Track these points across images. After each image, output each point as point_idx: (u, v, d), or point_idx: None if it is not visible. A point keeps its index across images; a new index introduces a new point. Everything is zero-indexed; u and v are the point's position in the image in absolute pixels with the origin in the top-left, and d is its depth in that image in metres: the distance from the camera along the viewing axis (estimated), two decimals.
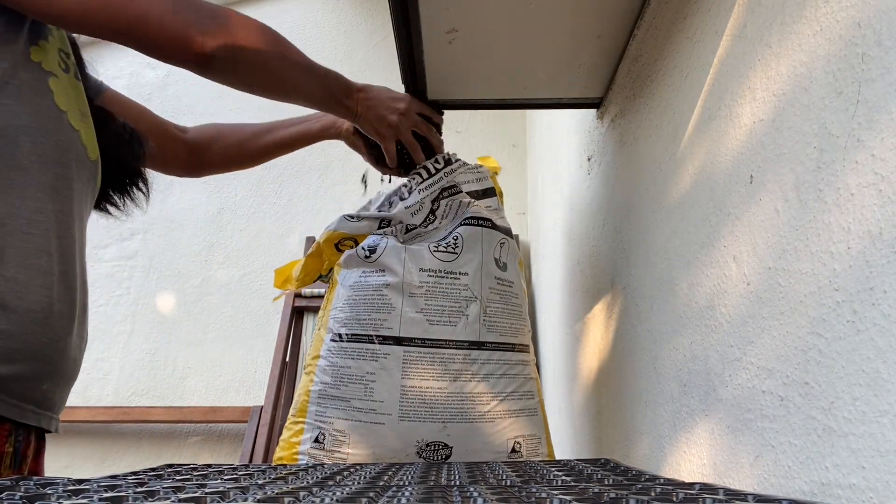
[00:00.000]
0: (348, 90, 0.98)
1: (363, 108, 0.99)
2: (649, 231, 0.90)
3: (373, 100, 0.99)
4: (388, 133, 1.02)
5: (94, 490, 0.45)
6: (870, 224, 0.43)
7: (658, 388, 0.85)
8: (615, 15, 0.96)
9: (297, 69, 0.91)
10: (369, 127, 1.01)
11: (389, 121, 1.01)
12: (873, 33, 0.44)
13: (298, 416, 1.03)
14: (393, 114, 1.01)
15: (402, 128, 1.02)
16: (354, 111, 0.99)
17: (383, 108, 1.00)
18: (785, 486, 0.53)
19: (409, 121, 1.03)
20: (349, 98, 0.98)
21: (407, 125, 1.03)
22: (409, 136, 1.04)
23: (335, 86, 0.96)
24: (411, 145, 1.06)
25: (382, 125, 1.01)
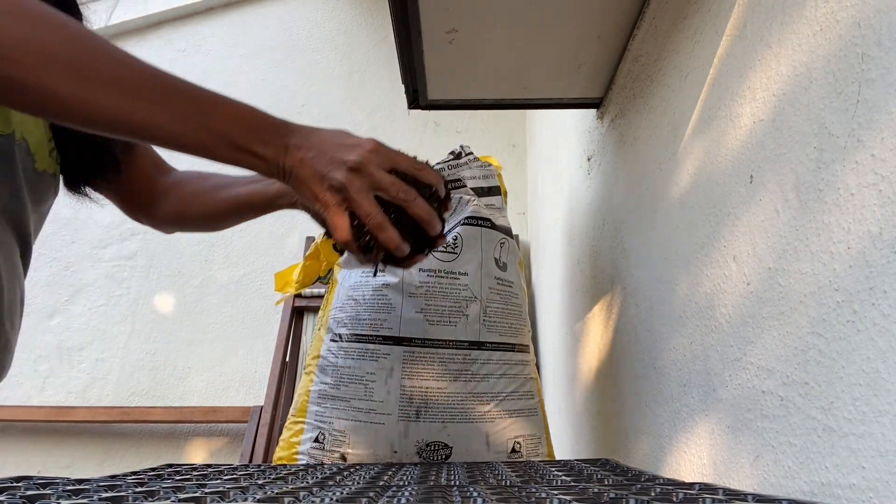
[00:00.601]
0: (267, 134, 0.64)
1: (295, 161, 0.64)
2: (649, 231, 0.90)
3: (314, 149, 0.64)
4: (331, 198, 0.64)
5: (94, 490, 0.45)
6: (870, 224, 0.43)
7: (658, 388, 0.84)
8: (615, 15, 0.96)
9: (128, 90, 0.58)
10: (304, 190, 0.65)
11: (332, 179, 0.64)
12: (873, 33, 0.44)
13: (298, 416, 1.03)
14: (338, 169, 0.64)
15: (352, 190, 0.64)
16: (281, 166, 0.64)
17: (324, 162, 0.64)
18: (785, 486, 0.53)
19: (368, 180, 0.65)
20: (269, 145, 0.63)
21: (363, 186, 0.64)
22: (366, 203, 0.65)
23: (237, 125, 0.62)
24: (368, 218, 0.65)
25: (320, 186, 0.64)
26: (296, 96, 2.97)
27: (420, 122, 2.89)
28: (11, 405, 2.52)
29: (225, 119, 0.62)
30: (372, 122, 2.93)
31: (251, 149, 0.63)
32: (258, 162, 0.64)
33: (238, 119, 0.63)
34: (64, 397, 2.59)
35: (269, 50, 3.03)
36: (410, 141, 2.89)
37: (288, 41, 3.04)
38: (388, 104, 2.93)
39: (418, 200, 0.67)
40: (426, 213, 0.67)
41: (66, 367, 2.63)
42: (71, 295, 2.72)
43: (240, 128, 0.63)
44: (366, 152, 0.65)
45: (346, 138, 0.67)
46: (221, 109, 0.63)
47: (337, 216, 0.65)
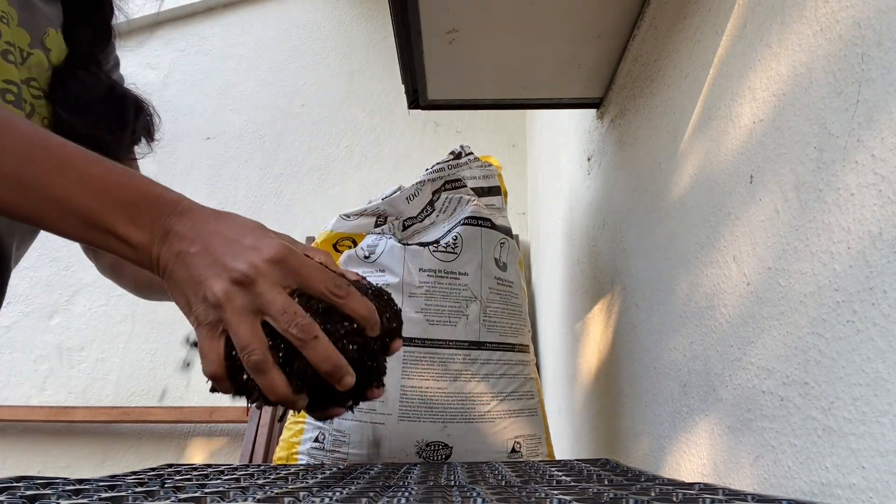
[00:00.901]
0: (140, 210, 0.48)
1: (172, 255, 0.48)
2: (649, 231, 0.90)
3: (199, 242, 0.48)
4: (203, 315, 0.48)
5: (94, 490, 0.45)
6: (870, 224, 0.43)
7: (658, 388, 0.84)
8: (615, 15, 0.96)
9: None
10: (177, 296, 0.50)
11: (207, 290, 0.47)
12: (873, 33, 0.44)
13: (298, 416, 1.03)
14: (217, 277, 0.47)
15: (228, 309, 0.47)
16: (153, 258, 0.49)
17: (205, 264, 0.47)
18: (785, 486, 0.53)
19: (253, 299, 0.47)
20: (140, 227, 0.48)
21: (245, 307, 0.47)
22: (243, 331, 0.47)
23: (94, 194, 0.47)
24: (243, 352, 0.47)
25: (194, 295, 0.48)
26: (296, 96, 2.97)
27: (420, 122, 2.89)
28: (11, 405, 2.53)
29: (75, 183, 0.47)
30: (372, 122, 2.93)
31: (111, 228, 0.47)
32: (122, 247, 0.48)
33: (98, 186, 0.48)
34: (64, 397, 2.59)
35: (269, 50, 3.03)
36: (410, 141, 2.89)
37: (288, 41, 3.04)
38: (388, 104, 2.93)
39: (318, 342, 0.47)
40: (327, 362, 0.48)
41: (66, 367, 2.63)
42: (71, 295, 2.72)
43: (99, 198, 0.47)
44: (263, 261, 0.47)
45: (247, 235, 0.49)
46: (76, 170, 0.47)
47: (208, 342, 0.48)
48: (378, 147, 2.90)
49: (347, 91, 2.98)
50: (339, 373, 0.49)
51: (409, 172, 2.63)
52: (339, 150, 2.90)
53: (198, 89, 2.93)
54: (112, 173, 0.49)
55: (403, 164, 2.85)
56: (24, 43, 0.67)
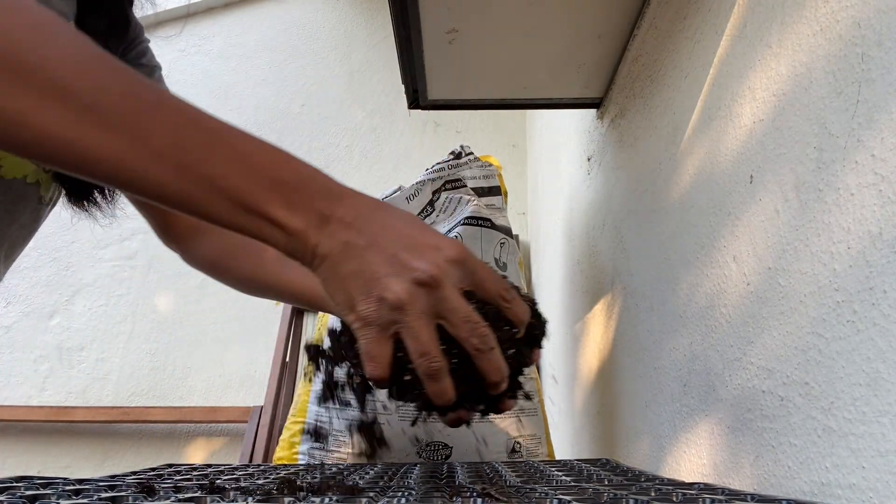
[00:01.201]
0: (296, 193, 0.44)
1: (336, 245, 0.44)
2: (649, 231, 0.90)
3: (369, 234, 0.45)
4: (374, 316, 0.44)
5: (94, 490, 0.45)
6: (870, 224, 0.43)
7: (658, 388, 0.84)
8: (615, 15, 0.96)
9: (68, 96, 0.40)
10: (337, 291, 0.45)
11: (386, 290, 0.43)
12: (873, 33, 0.44)
13: (298, 416, 1.03)
14: (399, 277, 0.44)
15: (411, 313, 0.44)
16: (310, 246, 0.44)
17: (381, 259, 0.44)
18: (785, 486, 0.53)
19: (436, 302, 0.44)
20: (296, 211, 0.44)
21: (427, 310, 0.44)
22: (425, 336, 0.44)
23: (246, 173, 0.43)
24: (423, 359, 0.44)
25: (364, 293, 0.44)
26: (296, 96, 2.97)
27: (420, 122, 2.88)
28: (11, 405, 2.53)
29: (227, 161, 0.43)
30: (372, 122, 2.93)
31: (265, 211, 0.43)
32: (274, 232, 0.44)
33: (250, 164, 0.43)
34: (64, 397, 2.59)
35: (269, 50, 3.03)
36: (410, 141, 2.89)
37: (288, 41, 3.04)
38: (388, 104, 2.93)
39: (494, 352, 0.46)
40: (497, 373, 0.46)
41: (66, 367, 2.63)
42: (71, 295, 2.72)
43: (252, 177, 0.43)
44: (445, 261, 0.44)
45: (423, 232, 0.46)
46: (227, 146, 0.43)
47: (376, 344, 0.44)
48: (378, 147, 2.90)
49: (347, 91, 2.98)
50: (503, 382, 0.47)
51: (409, 172, 2.63)
52: (339, 150, 2.90)
53: (198, 89, 2.93)
54: (264, 151, 0.45)
55: (403, 164, 2.85)
56: None
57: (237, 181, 0.43)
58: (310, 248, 0.44)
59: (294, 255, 0.45)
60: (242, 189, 0.43)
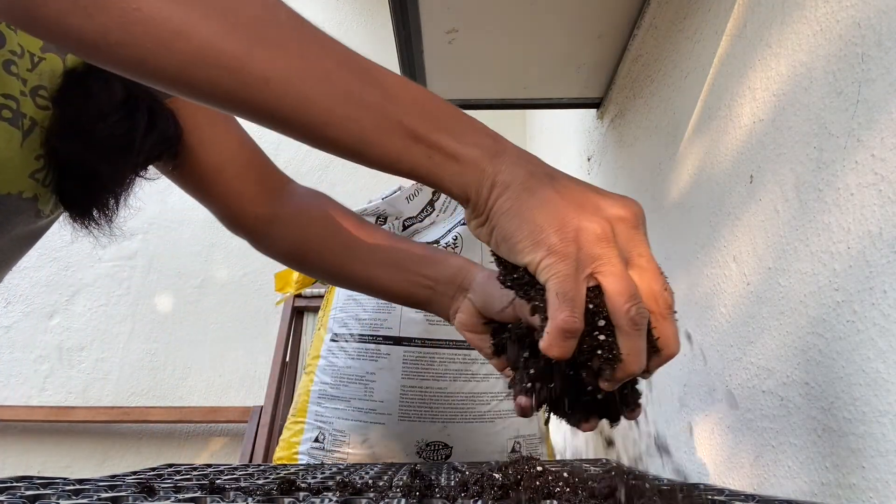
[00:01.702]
0: (461, 125, 0.42)
1: (520, 174, 0.40)
2: (649, 231, 0.90)
3: (547, 169, 0.41)
4: (571, 248, 0.38)
5: (94, 490, 0.45)
6: (870, 224, 0.43)
7: (658, 388, 0.85)
8: (615, 15, 0.96)
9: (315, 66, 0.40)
10: (524, 222, 0.39)
11: (586, 219, 0.39)
12: (873, 33, 0.44)
13: (298, 416, 1.03)
14: (596, 213, 0.39)
15: (613, 247, 0.39)
16: (489, 174, 0.40)
17: (574, 195, 0.40)
18: (785, 486, 0.53)
19: (639, 244, 0.42)
20: (466, 141, 0.41)
21: (630, 247, 0.41)
22: (628, 274, 0.39)
23: (412, 105, 0.41)
24: (633, 301, 0.38)
25: (556, 224, 0.38)
26: None
27: None
28: (11, 405, 2.53)
29: (392, 91, 0.41)
30: None
31: (436, 140, 0.40)
32: (446, 163, 0.40)
33: (413, 95, 0.42)
34: (64, 397, 2.59)
35: None
36: None
37: None
38: None
39: (672, 320, 0.40)
40: (675, 344, 0.41)
41: (66, 367, 2.63)
42: (71, 295, 2.72)
43: (416, 107, 0.41)
44: (638, 213, 0.42)
45: (598, 188, 0.43)
46: (387, 78, 0.42)
47: (573, 281, 0.37)
48: None
49: None
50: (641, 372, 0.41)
51: None
52: None
53: None
54: (423, 91, 0.43)
55: None
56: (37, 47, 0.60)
57: (405, 109, 0.40)
58: (488, 176, 0.40)
59: (467, 190, 0.41)
60: (412, 116, 0.40)
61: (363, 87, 0.40)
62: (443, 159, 0.40)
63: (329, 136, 0.40)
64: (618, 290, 0.38)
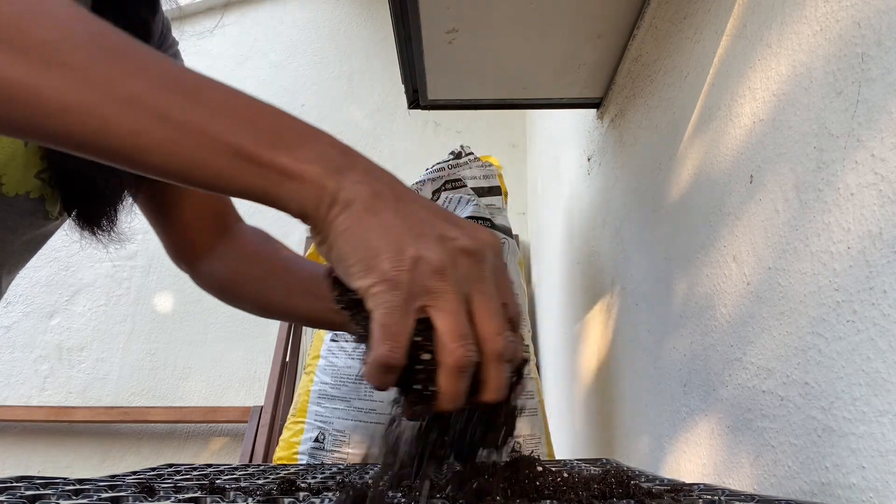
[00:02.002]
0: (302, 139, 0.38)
1: (361, 193, 0.37)
2: (649, 231, 0.90)
3: (395, 189, 0.39)
4: (401, 277, 0.35)
5: (94, 490, 0.45)
6: (870, 224, 0.43)
7: (658, 388, 0.84)
8: (615, 15, 0.96)
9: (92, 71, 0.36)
10: (355, 248, 0.37)
11: (421, 247, 0.36)
12: (873, 33, 0.44)
13: (298, 416, 1.03)
14: (437, 241, 0.37)
15: (450, 279, 0.36)
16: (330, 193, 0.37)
17: (416, 220, 0.37)
18: (785, 486, 0.53)
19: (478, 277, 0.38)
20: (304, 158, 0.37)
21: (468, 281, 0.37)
22: (463, 312, 0.36)
23: (243, 122, 0.38)
24: (463, 342, 0.36)
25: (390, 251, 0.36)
26: (296, 96, 2.97)
27: (420, 122, 2.89)
28: (11, 405, 2.53)
29: (219, 109, 0.38)
30: (372, 121, 2.93)
31: (269, 159, 0.37)
32: (283, 183, 0.37)
33: (246, 112, 0.38)
34: (64, 397, 2.59)
35: (269, 50, 3.03)
36: (410, 141, 2.89)
37: (288, 41, 3.04)
38: (388, 104, 2.93)
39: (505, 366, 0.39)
40: (498, 391, 0.38)
41: (66, 367, 2.63)
42: (71, 295, 2.72)
43: (247, 124, 0.38)
44: (486, 241, 0.39)
45: (450, 213, 0.40)
46: (215, 93, 0.38)
47: (400, 316, 0.35)
48: (378, 147, 2.90)
49: (347, 91, 2.98)
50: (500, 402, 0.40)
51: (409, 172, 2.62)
52: None
53: None
54: (259, 103, 0.40)
55: (403, 164, 2.85)
56: None
57: (233, 127, 0.37)
58: (329, 193, 0.37)
59: (305, 208, 0.37)
60: (241, 135, 0.37)
61: (182, 107, 0.37)
62: (278, 178, 0.37)
63: (148, 162, 0.37)
64: (446, 329, 0.36)
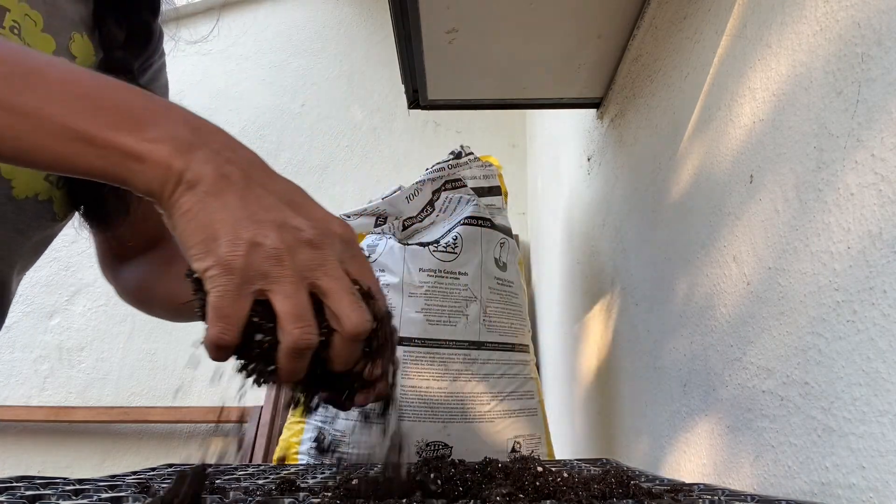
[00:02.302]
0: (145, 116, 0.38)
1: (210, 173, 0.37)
2: (649, 231, 0.90)
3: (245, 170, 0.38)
4: (235, 262, 0.36)
5: (94, 490, 0.46)
6: (870, 224, 0.43)
7: (658, 388, 0.84)
8: (615, 15, 0.96)
9: None
10: (194, 229, 0.37)
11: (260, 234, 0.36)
12: (873, 33, 0.44)
13: (298, 416, 1.03)
14: (280, 226, 0.37)
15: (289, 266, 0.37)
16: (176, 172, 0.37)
17: (264, 204, 0.38)
18: (785, 486, 0.53)
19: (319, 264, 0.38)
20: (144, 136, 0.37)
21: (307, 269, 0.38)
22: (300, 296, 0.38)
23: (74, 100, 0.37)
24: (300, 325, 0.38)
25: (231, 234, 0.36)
26: (296, 96, 2.97)
27: (420, 122, 2.89)
28: (11, 405, 2.53)
29: (60, 95, 0.36)
30: (372, 121, 2.93)
31: (109, 139, 0.36)
32: (128, 163, 0.36)
33: (87, 95, 0.37)
34: (64, 397, 2.59)
35: (269, 50, 3.03)
36: (410, 141, 2.89)
37: (288, 41, 3.04)
38: (388, 104, 2.93)
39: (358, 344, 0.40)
40: (346, 364, 0.40)
41: (66, 367, 2.63)
42: (71, 295, 2.72)
43: (90, 108, 0.36)
44: (333, 231, 0.39)
45: (308, 198, 0.41)
46: (54, 79, 0.37)
47: (232, 299, 0.36)
48: (378, 147, 2.90)
49: (347, 91, 2.98)
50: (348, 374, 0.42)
51: (409, 172, 2.63)
52: (339, 149, 2.90)
53: (198, 89, 2.93)
54: (103, 80, 0.39)
55: (403, 164, 2.85)
56: (50, 51, 0.59)
57: (72, 109, 0.36)
58: (174, 173, 0.36)
59: (151, 188, 0.37)
60: (81, 117, 0.36)
61: (17, 92, 0.36)
62: (121, 159, 0.36)
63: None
64: (283, 312, 0.37)
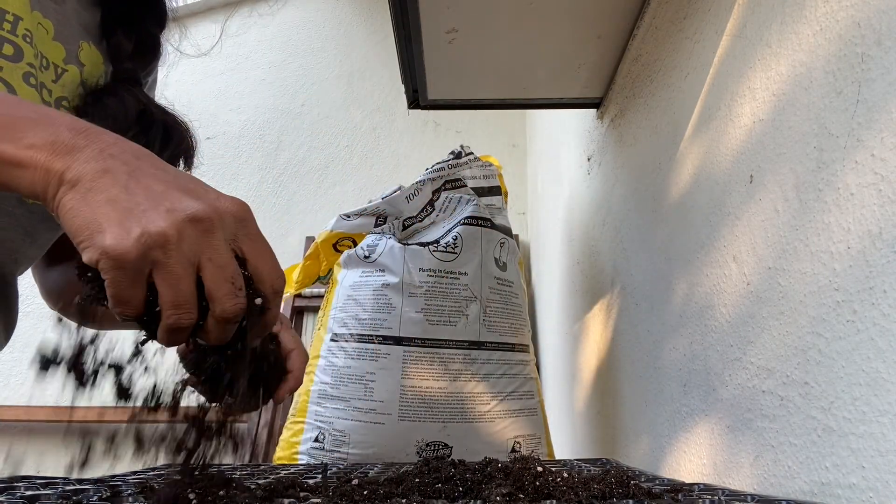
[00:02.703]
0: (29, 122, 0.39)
1: (92, 170, 0.38)
2: (649, 231, 0.90)
3: (130, 163, 0.39)
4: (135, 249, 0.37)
5: (94, 490, 0.45)
6: (870, 224, 0.43)
7: (658, 388, 0.84)
8: (615, 15, 0.96)
9: None
10: (84, 224, 0.37)
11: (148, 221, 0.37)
12: (873, 33, 0.44)
13: (298, 416, 1.03)
14: (168, 213, 0.38)
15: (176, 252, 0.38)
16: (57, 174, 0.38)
17: (152, 195, 0.38)
18: (785, 486, 0.53)
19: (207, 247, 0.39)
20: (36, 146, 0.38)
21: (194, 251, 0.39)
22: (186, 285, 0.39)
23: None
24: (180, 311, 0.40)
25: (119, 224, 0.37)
26: (296, 96, 2.97)
27: (420, 122, 2.88)
28: (11, 405, 2.53)
29: None
30: (372, 121, 2.93)
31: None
32: (9, 170, 0.38)
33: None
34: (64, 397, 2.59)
35: (269, 50, 3.03)
36: (410, 141, 2.89)
37: (288, 41, 3.04)
38: (388, 104, 2.93)
39: (232, 326, 0.42)
40: (219, 340, 0.43)
41: None
42: None
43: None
44: (225, 210, 0.40)
45: (198, 181, 0.41)
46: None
47: (129, 286, 0.38)
48: (378, 147, 2.90)
49: (347, 91, 2.98)
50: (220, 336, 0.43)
51: (409, 172, 2.63)
52: (339, 149, 2.90)
53: (198, 89, 2.93)
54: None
55: (403, 164, 2.85)
56: (59, 58, 0.59)
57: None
58: (55, 175, 0.37)
59: (37, 192, 0.38)
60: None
61: None
62: (3, 167, 0.38)
63: None
64: (167, 298, 0.39)
